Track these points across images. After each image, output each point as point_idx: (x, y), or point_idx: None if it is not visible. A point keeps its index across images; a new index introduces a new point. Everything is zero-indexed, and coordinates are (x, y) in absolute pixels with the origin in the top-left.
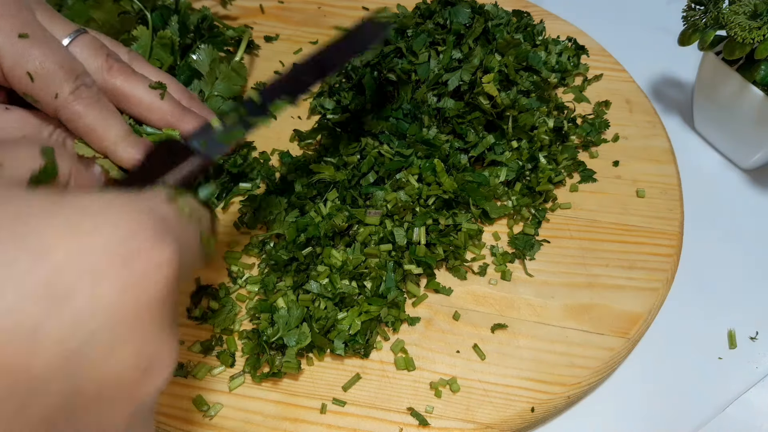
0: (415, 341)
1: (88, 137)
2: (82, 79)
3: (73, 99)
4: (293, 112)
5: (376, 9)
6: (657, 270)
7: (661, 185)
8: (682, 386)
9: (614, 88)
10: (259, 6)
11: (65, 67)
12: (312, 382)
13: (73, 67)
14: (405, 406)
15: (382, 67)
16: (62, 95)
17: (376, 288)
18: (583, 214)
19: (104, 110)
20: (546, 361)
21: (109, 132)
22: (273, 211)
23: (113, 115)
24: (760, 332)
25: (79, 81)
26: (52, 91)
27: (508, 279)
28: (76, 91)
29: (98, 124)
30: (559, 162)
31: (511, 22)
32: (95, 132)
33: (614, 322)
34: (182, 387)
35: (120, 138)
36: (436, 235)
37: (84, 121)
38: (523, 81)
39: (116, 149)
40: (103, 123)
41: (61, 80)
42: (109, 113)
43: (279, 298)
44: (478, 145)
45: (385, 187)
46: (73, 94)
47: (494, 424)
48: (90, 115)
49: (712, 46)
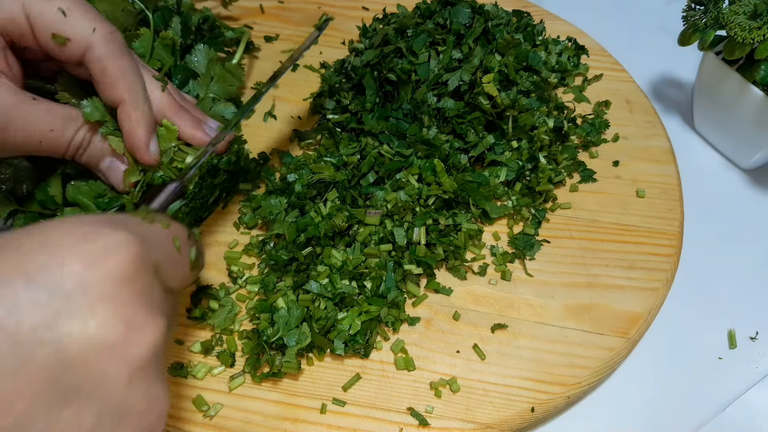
0: (415, 341)
1: (112, 84)
2: (114, 26)
3: (111, 39)
4: (293, 112)
5: (322, 21)
6: (657, 270)
7: (661, 185)
8: (682, 386)
9: (614, 88)
10: (259, 6)
11: (95, 10)
12: (312, 382)
13: (101, 14)
14: (405, 406)
15: (382, 67)
16: (101, 31)
17: (376, 288)
18: (583, 214)
19: (134, 62)
20: (546, 361)
21: (135, 84)
22: (273, 211)
23: (139, 71)
24: (760, 332)
25: (113, 26)
26: (88, 25)
27: (508, 279)
28: (114, 33)
29: (129, 73)
30: (559, 162)
31: (511, 22)
32: (123, 79)
33: (614, 322)
34: (182, 387)
35: (142, 95)
36: (436, 235)
37: (117, 63)
38: (523, 81)
39: (135, 105)
40: (133, 73)
41: (96, 16)
42: (137, 67)
43: (279, 298)
44: (478, 145)
45: (385, 187)
46: (112, 33)
47: (494, 424)
48: (125, 60)
49: (712, 46)
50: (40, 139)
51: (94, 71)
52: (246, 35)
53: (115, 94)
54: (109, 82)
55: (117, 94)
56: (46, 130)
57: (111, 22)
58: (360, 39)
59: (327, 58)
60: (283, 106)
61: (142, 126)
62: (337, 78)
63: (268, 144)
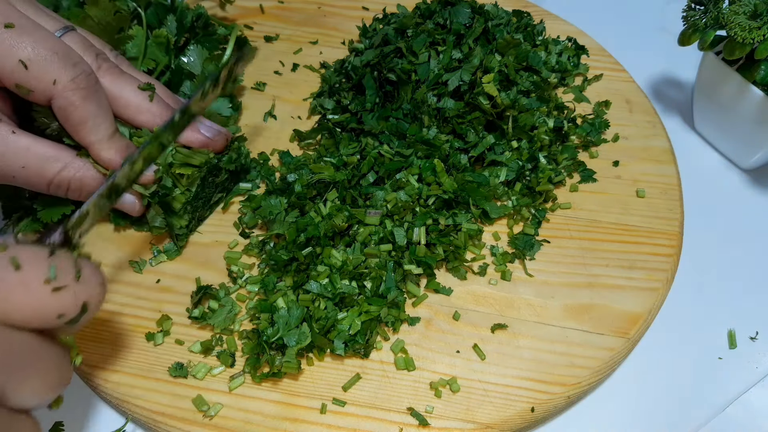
0: (415, 341)
1: (75, 129)
2: (81, 66)
3: (72, 87)
4: (293, 112)
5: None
6: (657, 270)
7: (661, 185)
8: (682, 386)
9: (614, 88)
10: (259, 6)
11: (59, 53)
12: (312, 382)
13: (68, 53)
14: (405, 406)
15: (382, 67)
16: (61, 82)
17: (376, 288)
18: (583, 214)
19: (99, 105)
20: (546, 361)
21: (98, 128)
22: (273, 212)
23: (106, 111)
24: (760, 332)
25: (78, 68)
26: (49, 78)
27: (508, 279)
28: (76, 79)
29: (90, 118)
30: (559, 162)
31: (511, 22)
32: (85, 125)
33: (614, 322)
34: (182, 387)
35: (107, 137)
36: (436, 235)
37: (78, 112)
38: (523, 81)
39: (101, 147)
40: (95, 118)
41: (57, 66)
42: (102, 109)
43: (279, 298)
44: (478, 145)
45: (385, 187)
46: (74, 81)
47: (494, 424)
48: (86, 108)
49: (712, 46)
50: (13, 174)
51: (58, 117)
52: (235, 31)
53: (78, 138)
54: (71, 129)
55: (81, 139)
56: (17, 166)
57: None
58: (360, 39)
59: (327, 58)
60: (283, 106)
61: (116, 160)
62: (337, 78)
63: (268, 144)
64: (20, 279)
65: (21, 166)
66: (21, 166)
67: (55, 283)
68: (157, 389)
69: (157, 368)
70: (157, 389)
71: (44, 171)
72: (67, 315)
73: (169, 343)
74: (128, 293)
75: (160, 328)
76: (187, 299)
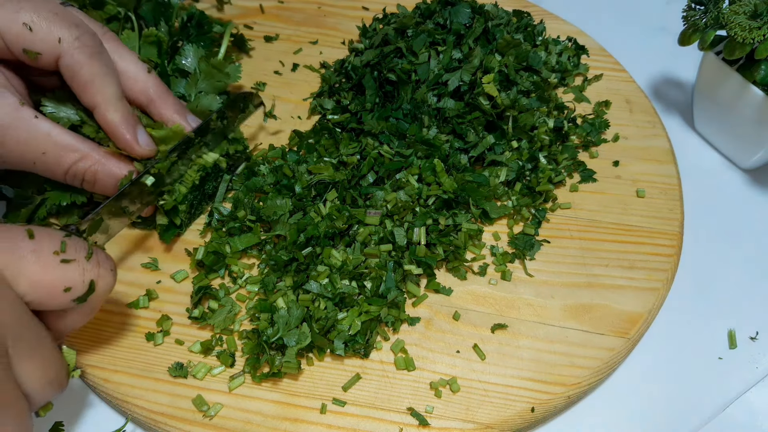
0: (415, 341)
1: (82, 88)
2: (83, 27)
3: (78, 45)
4: (293, 112)
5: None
6: (657, 270)
7: (661, 185)
8: (682, 386)
9: (614, 88)
10: (259, 6)
11: (60, 15)
12: (312, 382)
13: (68, 13)
14: (405, 406)
15: (382, 67)
16: (67, 40)
17: (376, 288)
18: (583, 214)
19: (106, 64)
20: (546, 361)
21: (105, 89)
22: (277, 212)
23: (112, 72)
24: (760, 332)
25: (81, 28)
26: (54, 37)
27: (508, 279)
28: (80, 37)
29: (97, 78)
30: (559, 162)
31: (512, 22)
32: (93, 84)
33: (614, 322)
34: (182, 387)
35: (114, 97)
36: (436, 235)
37: (85, 70)
38: (523, 81)
39: (107, 108)
40: (101, 78)
41: (61, 26)
42: (109, 69)
43: (279, 298)
44: (478, 145)
45: (385, 187)
46: (78, 39)
47: (494, 424)
48: (92, 66)
49: (712, 46)
50: (34, 160)
51: (66, 78)
52: (229, 27)
53: (86, 99)
54: (79, 88)
55: (88, 99)
56: (38, 152)
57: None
58: (360, 39)
59: (327, 58)
60: (283, 106)
61: (121, 124)
62: (337, 78)
63: (267, 144)
64: (32, 247)
65: (42, 152)
66: (42, 152)
67: (65, 255)
68: (157, 389)
69: (157, 368)
70: (157, 389)
71: (62, 159)
72: (74, 290)
73: (169, 343)
74: (128, 293)
75: (160, 328)
76: (187, 299)
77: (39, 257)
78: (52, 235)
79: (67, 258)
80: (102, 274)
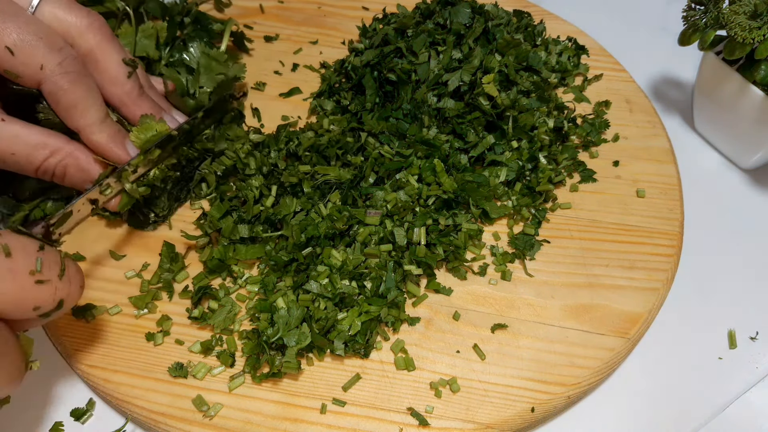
0: (415, 341)
1: (66, 113)
2: (66, 50)
3: (60, 71)
4: (293, 112)
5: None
6: (657, 270)
7: (661, 185)
8: (682, 386)
9: (614, 88)
10: (259, 6)
11: (44, 39)
12: (312, 382)
13: (53, 38)
14: (405, 406)
15: (382, 67)
16: (48, 67)
17: (376, 288)
18: (584, 214)
19: (89, 88)
20: (546, 361)
21: (88, 112)
22: (282, 212)
23: (95, 94)
24: (760, 332)
25: (64, 53)
26: (36, 63)
27: (508, 279)
28: (63, 63)
29: (80, 101)
30: (559, 162)
31: (512, 22)
32: (76, 109)
33: (614, 322)
34: (182, 387)
35: (98, 119)
36: (436, 235)
37: (67, 96)
38: (523, 81)
39: (91, 131)
40: (85, 101)
41: (44, 51)
42: (92, 92)
43: (279, 298)
44: (478, 145)
45: (385, 187)
46: (61, 65)
47: (494, 424)
48: (75, 91)
49: (712, 46)
50: (4, 159)
51: (48, 102)
52: (230, 24)
53: (70, 123)
54: (62, 113)
55: (72, 123)
56: (7, 153)
57: None
58: (360, 39)
59: (327, 58)
60: (283, 105)
61: (108, 143)
62: (337, 78)
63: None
64: (9, 266)
65: (11, 152)
66: (11, 152)
67: (40, 276)
68: (157, 389)
69: (157, 368)
70: (157, 389)
71: (32, 158)
72: (43, 308)
73: (169, 343)
74: (129, 293)
75: (160, 328)
76: (187, 299)
77: (15, 278)
78: (28, 249)
79: (42, 279)
80: (71, 292)
